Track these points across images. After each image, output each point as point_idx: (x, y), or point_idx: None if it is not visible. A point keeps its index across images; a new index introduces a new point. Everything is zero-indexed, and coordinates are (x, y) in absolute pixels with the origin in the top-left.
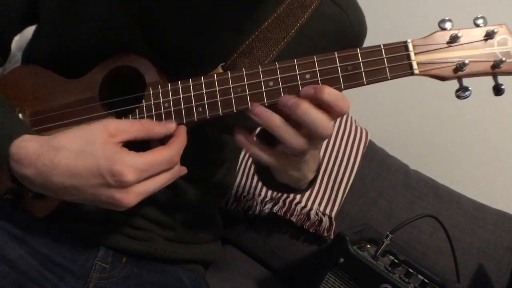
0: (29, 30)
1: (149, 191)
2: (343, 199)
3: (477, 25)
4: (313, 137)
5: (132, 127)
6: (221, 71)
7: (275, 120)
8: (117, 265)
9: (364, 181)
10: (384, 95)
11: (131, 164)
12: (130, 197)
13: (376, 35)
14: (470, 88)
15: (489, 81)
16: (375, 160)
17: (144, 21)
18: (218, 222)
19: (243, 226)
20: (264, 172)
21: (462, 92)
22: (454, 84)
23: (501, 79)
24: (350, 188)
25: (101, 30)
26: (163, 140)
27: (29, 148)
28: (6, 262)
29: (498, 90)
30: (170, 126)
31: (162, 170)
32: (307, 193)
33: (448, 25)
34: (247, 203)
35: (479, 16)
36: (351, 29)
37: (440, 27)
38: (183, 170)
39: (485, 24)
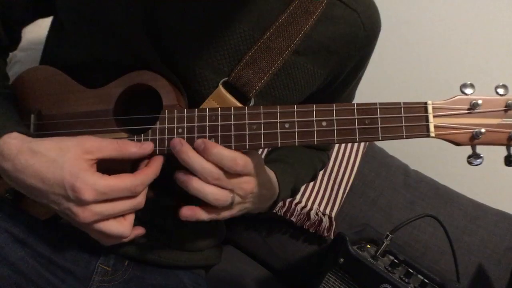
0: (30, 31)
1: (106, 213)
2: (343, 199)
3: (498, 93)
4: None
5: (107, 146)
6: (222, 89)
7: (194, 185)
8: (119, 268)
9: (364, 181)
10: (384, 95)
11: (92, 184)
12: (85, 214)
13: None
14: (482, 156)
15: (489, 83)
16: (375, 160)
17: (154, 35)
18: (221, 227)
19: (243, 226)
20: None
21: (474, 159)
22: (454, 89)
23: None
24: (350, 188)
25: (123, 43)
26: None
27: (12, 145)
28: (7, 264)
29: (510, 162)
30: (145, 147)
31: (121, 196)
32: (307, 193)
33: (469, 90)
34: None
35: (501, 84)
36: (363, 28)
37: (461, 91)
38: (140, 230)
39: (506, 92)
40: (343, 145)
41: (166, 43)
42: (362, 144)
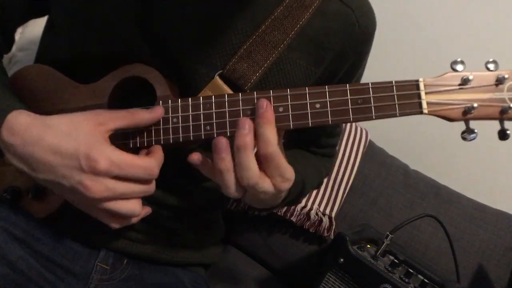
0: (30, 30)
1: (118, 191)
2: (343, 199)
3: (489, 69)
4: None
5: (119, 116)
6: (218, 79)
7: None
8: (118, 266)
9: (364, 181)
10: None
11: (108, 155)
12: (98, 187)
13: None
14: (476, 131)
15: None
16: (375, 160)
17: (147, 30)
18: (220, 225)
19: (243, 226)
20: None
21: (467, 134)
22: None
23: (508, 124)
24: (350, 188)
25: (119, 41)
26: None
27: (22, 119)
28: (6, 263)
29: (504, 135)
30: (157, 110)
31: (137, 175)
32: None
33: (460, 67)
34: None
35: (491, 60)
36: (358, 25)
37: (452, 68)
38: (148, 209)
39: (497, 68)
40: (343, 145)
41: (160, 39)
42: (362, 144)
